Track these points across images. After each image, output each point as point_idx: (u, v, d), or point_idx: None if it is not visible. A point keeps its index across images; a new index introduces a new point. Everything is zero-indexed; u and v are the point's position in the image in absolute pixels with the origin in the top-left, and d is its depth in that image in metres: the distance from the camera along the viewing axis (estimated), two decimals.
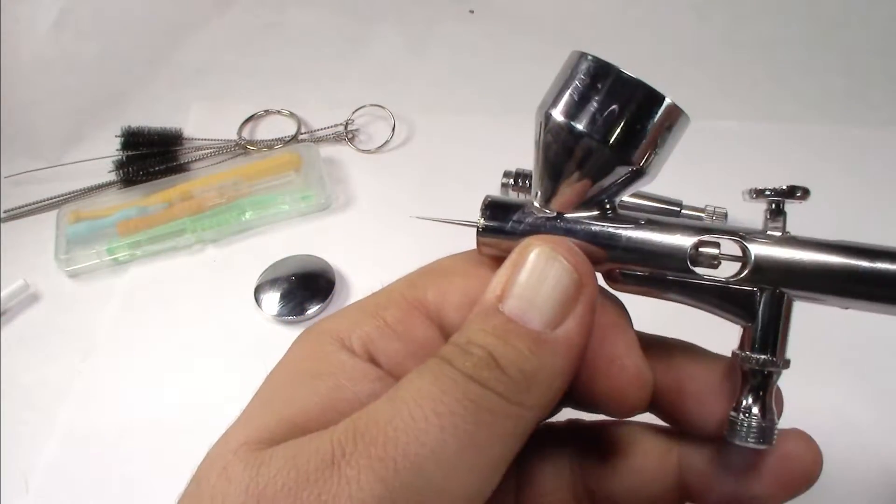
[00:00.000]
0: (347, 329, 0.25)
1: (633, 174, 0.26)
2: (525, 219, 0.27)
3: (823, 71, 0.73)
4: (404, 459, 0.20)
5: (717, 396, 0.26)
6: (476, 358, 0.22)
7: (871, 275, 0.24)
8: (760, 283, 0.25)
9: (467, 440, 0.21)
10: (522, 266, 0.24)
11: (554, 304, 0.23)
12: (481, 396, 0.21)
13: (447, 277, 0.27)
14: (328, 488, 0.20)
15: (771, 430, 0.25)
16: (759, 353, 0.25)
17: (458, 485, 0.21)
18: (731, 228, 0.26)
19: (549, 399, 0.23)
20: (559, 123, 0.25)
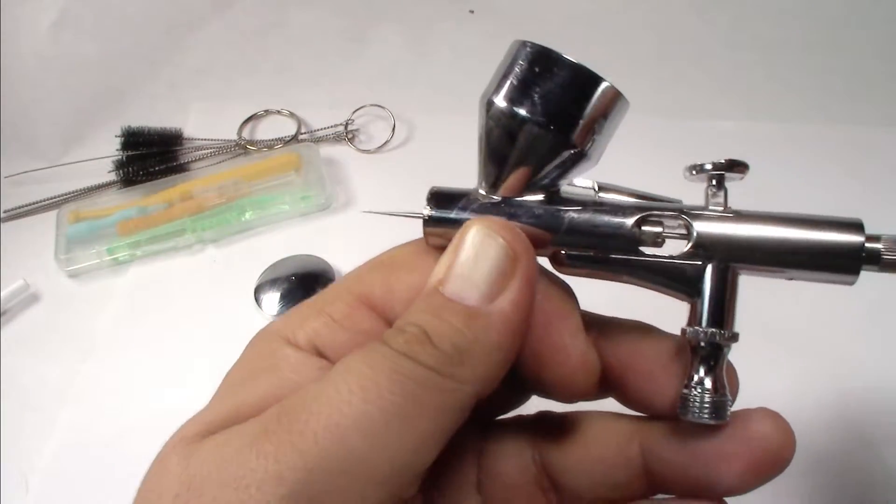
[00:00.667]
0: (294, 327, 0.26)
1: (575, 157, 0.26)
2: (470, 206, 0.27)
3: (823, 71, 0.73)
4: (325, 431, 0.20)
5: (668, 373, 0.26)
6: (409, 335, 0.22)
7: (813, 244, 0.24)
8: (704, 257, 0.25)
9: (394, 412, 0.21)
10: (461, 248, 0.24)
11: (489, 280, 0.23)
12: (411, 370, 0.22)
13: (394, 271, 0.27)
14: (248, 466, 0.20)
15: (724, 405, 0.25)
16: (707, 327, 0.25)
17: (383, 455, 0.21)
18: (673, 206, 0.26)
19: (485, 373, 0.23)
20: (501, 109, 0.26)
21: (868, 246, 0.24)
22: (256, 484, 0.20)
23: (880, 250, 0.24)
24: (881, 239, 0.24)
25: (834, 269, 0.24)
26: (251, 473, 0.20)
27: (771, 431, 0.25)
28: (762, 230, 0.25)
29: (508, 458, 0.28)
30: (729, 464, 0.25)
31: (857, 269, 0.24)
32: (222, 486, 0.20)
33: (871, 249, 0.24)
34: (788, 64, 0.74)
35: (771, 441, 0.25)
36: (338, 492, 0.20)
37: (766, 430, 0.25)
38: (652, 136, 0.68)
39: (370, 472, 0.21)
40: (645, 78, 0.75)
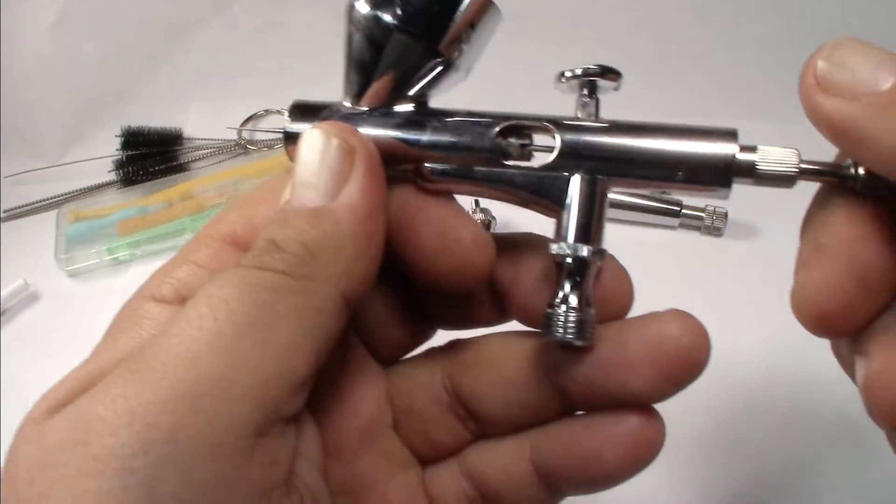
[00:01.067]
0: (157, 283, 0.25)
1: (442, 66, 0.25)
2: (330, 117, 0.26)
3: None
4: (175, 358, 0.19)
5: (552, 285, 0.24)
6: (258, 249, 0.22)
7: (683, 156, 0.23)
8: (570, 168, 0.24)
9: (247, 323, 0.20)
10: (299, 156, 0.24)
11: (328, 177, 0.23)
12: (260, 278, 0.21)
13: (252, 206, 0.26)
14: (97, 415, 0.19)
15: (588, 325, 0.23)
16: (572, 241, 0.24)
17: (245, 370, 0.20)
18: (539, 116, 0.25)
19: (345, 266, 0.22)
20: (364, 15, 0.24)
21: (741, 157, 0.23)
22: (108, 430, 0.18)
23: (755, 161, 0.23)
24: (757, 149, 0.23)
25: (706, 181, 0.23)
26: (101, 422, 0.19)
27: (679, 332, 0.23)
28: (631, 140, 0.24)
29: (420, 392, 0.28)
30: (637, 370, 0.24)
31: (728, 181, 0.23)
32: (74, 447, 0.19)
33: (745, 160, 0.23)
34: (788, 64, 0.74)
35: (680, 342, 0.23)
36: (198, 415, 0.19)
37: (673, 332, 0.23)
38: None
39: (233, 388, 0.19)
40: (645, 78, 0.75)
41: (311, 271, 0.21)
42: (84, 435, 0.19)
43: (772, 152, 0.23)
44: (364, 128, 0.25)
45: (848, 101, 0.20)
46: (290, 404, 0.21)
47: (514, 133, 0.25)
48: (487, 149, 0.24)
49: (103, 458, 0.18)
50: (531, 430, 0.26)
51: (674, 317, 0.24)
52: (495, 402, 0.26)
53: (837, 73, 0.20)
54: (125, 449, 0.18)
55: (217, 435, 0.19)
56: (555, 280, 0.24)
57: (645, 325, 0.24)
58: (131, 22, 0.78)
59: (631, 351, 0.24)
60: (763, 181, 0.23)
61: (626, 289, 0.25)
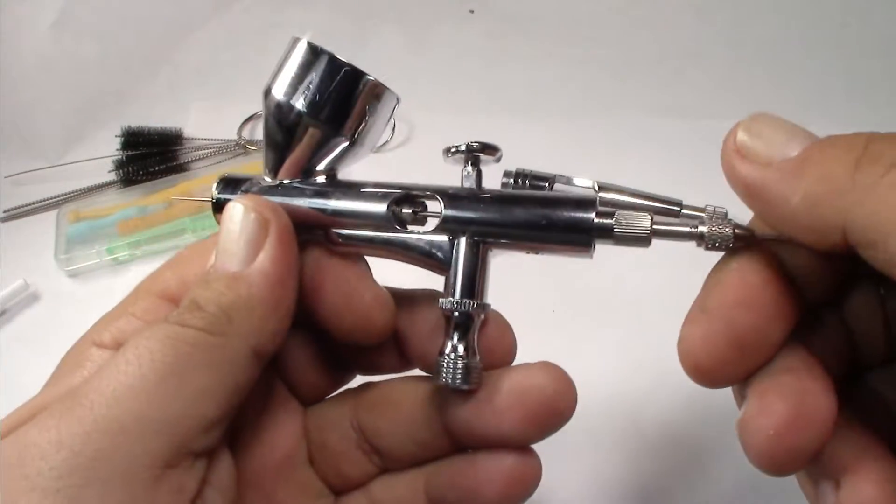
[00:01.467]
0: (100, 330, 0.28)
1: (346, 144, 0.28)
2: (251, 189, 0.29)
3: (823, 71, 0.73)
4: (101, 397, 0.22)
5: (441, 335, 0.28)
6: (182, 308, 0.25)
7: (551, 222, 0.26)
8: (454, 233, 0.27)
9: (167, 371, 0.23)
10: (222, 226, 0.27)
11: (244, 246, 0.26)
12: (181, 334, 0.24)
13: (185, 264, 0.29)
14: (31, 442, 0.22)
15: (474, 371, 0.27)
16: (458, 297, 0.27)
17: (160, 410, 0.23)
18: (427, 186, 0.28)
19: (256, 325, 0.25)
20: (279, 101, 0.28)
21: (599, 221, 0.26)
22: (39, 454, 0.21)
23: (612, 225, 0.26)
24: (614, 215, 0.26)
25: (570, 243, 0.26)
26: (34, 448, 0.22)
27: (545, 382, 0.27)
28: (506, 209, 0.27)
29: (332, 429, 0.31)
30: (506, 416, 0.27)
31: (589, 242, 0.26)
32: (10, 469, 0.21)
33: (603, 224, 0.26)
34: (788, 64, 0.74)
35: (544, 392, 0.27)
36: (118, 447, 0.22)
37: (539, 381, 0.27)
38: (652, 136, 0.68)
39: (148, 425, 0.22)
40: (645, 78, 0.75)
41: (225, 329, 0.24)
42: (20, 457, 0.22)
43: (627, 216, 0.26)
44: (279, 198, 0.29)
45: (761, 166, 0.22)
46: (200, 441, 0.24)
47: (408, 202, 0.28)
48: (382, 216, 0.28)
49: (33, 478, 0.21)
50: (427, 465, 0.30)
51: (541, 368, 0.27)
52: (394, 439, 0.30)
53: (754, 142, 0.23)
54: (52, 472, 0.21)
55: (130, 464, 0.22)
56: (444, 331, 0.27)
57: (516, 374, 0.27)
58: (131, 22, 0.78)
59: (502, 398, 0.27)
60: (621, 242, 0.26)
61: (509, 340, 0.29)
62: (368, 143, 0.29)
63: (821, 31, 0.74)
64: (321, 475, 0.31)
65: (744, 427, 0.23)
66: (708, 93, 0.73)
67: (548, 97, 0.74)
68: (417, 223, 0.29)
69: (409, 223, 0.29)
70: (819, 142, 0.22)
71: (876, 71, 0.73)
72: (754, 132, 0.23)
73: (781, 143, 0.22)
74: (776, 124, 0.23)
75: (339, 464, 0.31)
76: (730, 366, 0.24)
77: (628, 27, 0.78)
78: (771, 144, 0.23)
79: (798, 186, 0.21)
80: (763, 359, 0.24)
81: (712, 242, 0.25)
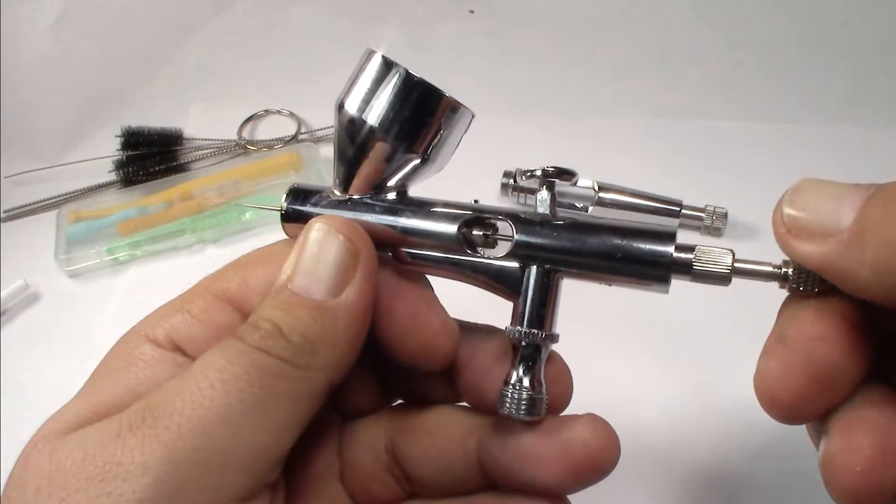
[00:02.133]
0: (153, 325, 0.27)
1: (419, 162, 0.28)
2: (321, 202, 0.29)
3: (823, 71, 0.73)
4: (188, 423, 0.22)
5: (500, 369, 0.27)
6: (263, 330, 0.24)
7: (627, 254, 0.25)
8: (525, 260, 0.27)
9: (252, 402, 0.23)
10: (306, 245, 0.26)
11: (333, 275, 0.25)
12: (266, 363, 0.23)
13: (250, 267, 0.28)
14: (114, 458, 0.22)
15: (540, 402, 0.26)
16: (525, 327, 0.26)
17: (244, 442, 0.23)
18: (500, 210, 0.28)
19: (336, 359, 0.25)
20: (351, 116, 0.27)
21: (678, 256, 0.25)
22: (123, 475, 0.21)
23: (691, 261, 0.25)
24: (694, 250, 0.25)
25: (646, 277, 0.25)
26: (117, 466, 0.21)
27: (590, 437, 0.26)
28: (581, 238, 0.26)
29: (364, 449, 0.30)
30: (547, 465, 0.26)
31: (666, 278, 0.25)
32: (88, 479, 0.21)
33: (682, 259, 0.25)
34: (788, 64, 0.74)
35: (589, 446, 0.26)
36: (201, 478, 0.22)
37: (585, 436, 0.26)
38: (652, 136, 0.68)
39: (232, 458, 0.22)
40: (645, 78, 0.75)
41: (309, 362, 0.24)
42: (101, 472, 0.21)
43: (708, 252, 0.25)
44: (350, 213, 0.28)
45: (818, 242, 0.21)
46: (274, 473, 0.24)
47: (479, 224, 0.28)
48: (453, 238, 0.27)
49: (116, 497, 0.21)
50: (457, 497, 0.29)
51: (588, 421, 0.26)
52: (426, 468, 0.29)
53: (803, 217, 0.22)
54: (136, 494, 0.21)
55: (212, 496, 0.22)
56: (510, 361, 0.27)
57: (561, 425, 0.27)
58: (131, 22, 0.78)
59: (546, 446, 0.26)
60: (699, 279, 0.25)
61: (566, 385, 0.28)
62: (441, 161, 0.29)
63: (821, 31, 0.74)
64: (350, 492, 0.30)
65: (827, 463, 0.23)
66: (708, 93, 0.73)
67: (548, 97, 0.74)
68: (487, 246, 0.28)
69: (479, 246, 0.28)
70: (871, 200, 0.21)
71: (876, 71, 0.73)
72: (800, 205, 0.22)
73: (832, 211, 0.21)
74: (820, 190, 0.22)
75: (368, 484, 0.30)
76: (809, 400, 0.23)
77: (628, 27, 0.78)
78: (821, 214, 0.21)
79: (863, 258, 0.20)
80: (844, 394, 0.23)
81: (798, 284, 0.24)
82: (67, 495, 0.21)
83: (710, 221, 0.59)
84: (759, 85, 0.73)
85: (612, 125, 0.69)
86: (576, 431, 0.26)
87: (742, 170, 0.63)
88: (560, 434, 0.26)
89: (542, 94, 0.74)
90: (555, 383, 0.28)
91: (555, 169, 0.27)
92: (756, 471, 0.46)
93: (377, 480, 0.30)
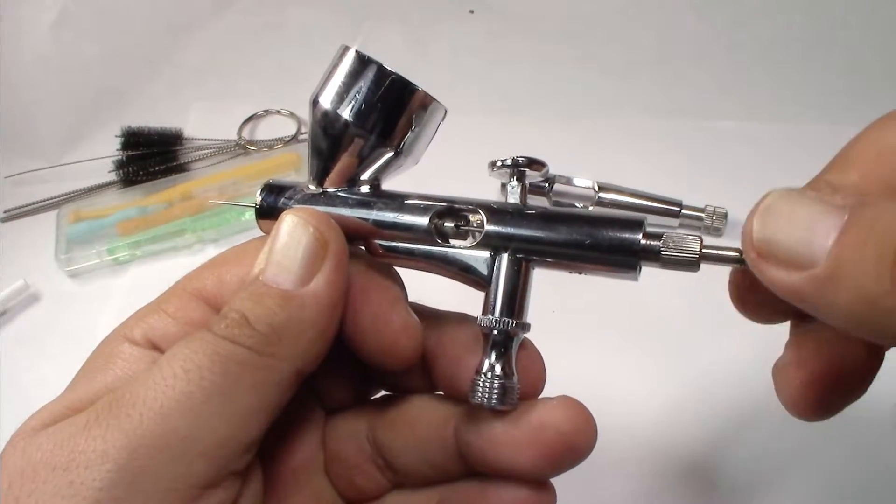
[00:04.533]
0: (132, 326, 0.28)
1: (392, 155, 0.28)
2: (295, 196, 0.29)
3: (823, 71, 0.73)
4: (150, 411, 0.22)
5: (472, 357, 0.27)
6: (229, 320, 0.24)
7: (596, 242, 0.26)
8: (495, 249, 0.27)
9: (215, 390, 0.23)
10: (277, 237, 0.26)
11: (301, 265, 0.25)
12: (230, 351, 0.24)
13: (225, 265, 0.28)
14: (77, 448, 0.22)
15: (512, 390, 0.26)
16: (496, 315, 0.26)
17: (206, 429, 0.23)
18: (471, 200, 0.28)
19: (304, 348, 0.25)
20: (325, 110, 0.28)
21: (646, 243, 0.25)
22: (85, 463, 0.22)
23: (659, 247, 0.25)
24: (662, 237, 0.25)
25: (616, 264, 0.26)
26: (80, 455, 0.22)
27: (562, 419, 0.26)
28: (551, 226, 0.26)
29: (347, 440, 0.30)
30: (521, 450, 0.26)
31: (635, 264, 0.25)
32: (53, 469, 0.22)
33: (650, 246, 0.25)
34: (788, 64, 0.74)
35: (561, 429, 0.26)
36: (162, 465, 0.22)
37: (557, 418, 0.26)
38: (652, 136, 0.68)
39: (194, 446, 0.22)
40: (645, 78, 0.75)
41: (274, 351, 0.24)
42: (66, 462, 0.22)
43: (676, 239, 0.25)
44: (322, 207, 0.28)
45: (790, 273, 0.20)
46: (240, 462, 0.24)
47: (451, 215, 0.28)
48: (423, 229, 0.28)
49: (77, 486, 0.21)
50: (440, 485, 0.29)
51: (560, 403, 0.26)
52: (407, 458, 0.29)
53: (773, 243, 0.21)
54: (96, 482, 0.21)
55: (172, 483, 0.22)
56: (481, 350, 0.27)
57: (534, 408, 0.26)
58: (131, 22, 0.78)
59: (519, 432, 0.26)
60: (668, 266, 0.25)
61: (538, 371, 0.28)
62: (414, 154, 0.29)
63: (821, 31, 0.74)
64: (335, 485, 0.31)
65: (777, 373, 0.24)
66: (708, 93, 0.73)
67: (548, 97, 0.74)
68: (460, 237, 0.28)
69: (451, 237, 0.28)
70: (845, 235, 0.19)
71: (876, 71, 0.73)
72: (771, 229, 0.21)
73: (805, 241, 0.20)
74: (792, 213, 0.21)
75: (352, 476, 0.30)
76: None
77: (628, 27, 0.78)
78: (793, 242, 0.20)
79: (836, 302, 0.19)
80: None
81: None
82: (36, 487, 0.22)
83: (710, 221, 0.59)
84: (759, 85, 0.73)
85: (612, 125, 0.69)
86: (547, 414, 0.26)
87: (742, 170, 0.63)
88: (531, 418, 0.26)
89: (543, 93, 0.74)
90: (527, 371, 0.27)
91: (525, 159, 0.28)
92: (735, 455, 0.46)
93: (361, 472, 0.30)
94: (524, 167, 0.28)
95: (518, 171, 0.28)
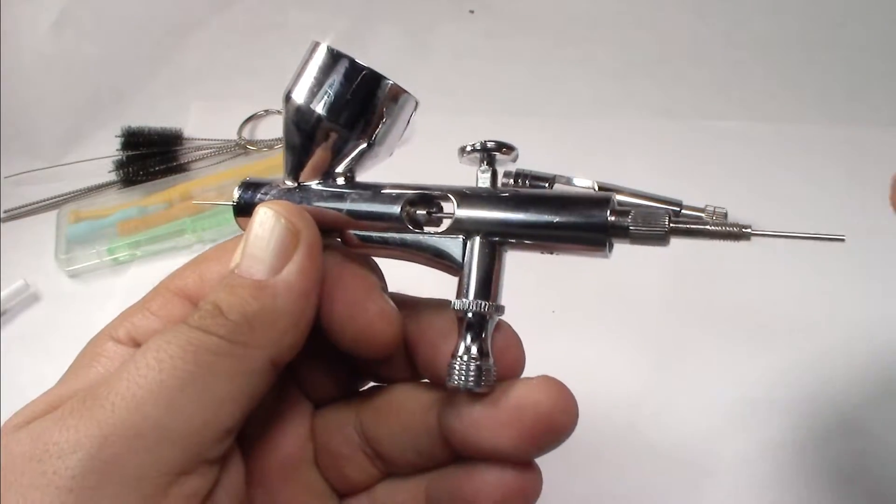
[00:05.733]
0: (117, 325, 0.28)
1: (365, 147, 0.29)
2: (270, 191, 0.30)
3: (823, 71, 0.73)
4: (122, 401, 0.23)
5: (449, 342, 0.27)
6: (203, 311, 0.25)
7: (565, 222, 0.26)
8: (467, 233, 0.27)
9: (187, 379, 0.23)
10: (251, 230, 0.27)
11: (273, 254, 0.26)
12: (203, 341, 0.24)
13: (206, 263, 0.29)
14: (52, 439, 0.22)
15: (488, 372, 0.26)
16: (470, 297, 0.26)
17: (179, 418, 0.23)
18: (441, 187, 0.28)
19: (277, 337, 0.25)
20: (298, 106, 0.28)
21: (614, 220, 0.25)
22: (58, 453, 0.22)
23: (628, 224, 0.25)
24: (629, 214, 0.25)
25: (585, 242, 0.26)
26: (54, 446, 0.22)
27: (542, 398, 0.26)
28: (521, 207, 0.27)
29: (336, 432, 0.30)
30: (501, 431, 0.26)
31: (604, 241, 0.26)
32: (29, 461, 0.22)
33: (619, 223, 0.25)
34: (788, 64, 0.74)
35: (542, 408, 0.25)
36: (134, 452, 0.22)
37: (536, 397, 0.26)
38: (652, 136, 0.68)
39: (166, 433, 0.23)
40: (645, 78, 0.75)
41: (247, 339, 0.24)
42: (40, 453, 0.22)
43: (643, 215, 0.25)
44: (297, 200, 0.29)
45: None
46: (215, 450, 0.24)
47: (423, 202, 0.28)
48: (396, 217, 0.28)
49: (50, 476, 0.22)
50: (429, 472, 0.29)
51: (539, 383, 0.26)
52: (394, 446, 0.29)
53: None
54: (68, 471, 0.22)
55: (145, 470, 0.22)
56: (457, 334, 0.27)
57: (514, 389, 0.26)
58: (131, 22, 0.78)
59: (499, 413, 0.26)
60: (638, 241, 0.25)
61: (516, 352, 0.28)
62: (387, 146, 0.30)
63: (821, 31, 0.74)
64: (326, 477, 0.31)
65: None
66: (708, 93, 0.73)
67: (548, 97, 0.74)
68: (432, 224, 0.28)
69: (424, 224, 0.28)
70: None
71: (876, 71, 0.73)
72: None
73: None
74: None
75: (342, 467, 0.30)
76: None
77: (628, 27, 0.78)
78: None
79: None
80: None
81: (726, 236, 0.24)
82: (15, 479, 0.22)
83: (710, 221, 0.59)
84: (759, 85, 0.73)
85: (612, 125, 0.69)
86: (526, 394, 0.26)
87: (742, 170, 0.63)
88: (510, 398, 0.26)
89: (543, 94, 0.74)
90: (505, 352, 0.27)
91: (494, 143, 0.28)
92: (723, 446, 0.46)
93: (352, 463, 0.30)
94: (494, 151, 0.28)
95: (488, 156, 0.28)
